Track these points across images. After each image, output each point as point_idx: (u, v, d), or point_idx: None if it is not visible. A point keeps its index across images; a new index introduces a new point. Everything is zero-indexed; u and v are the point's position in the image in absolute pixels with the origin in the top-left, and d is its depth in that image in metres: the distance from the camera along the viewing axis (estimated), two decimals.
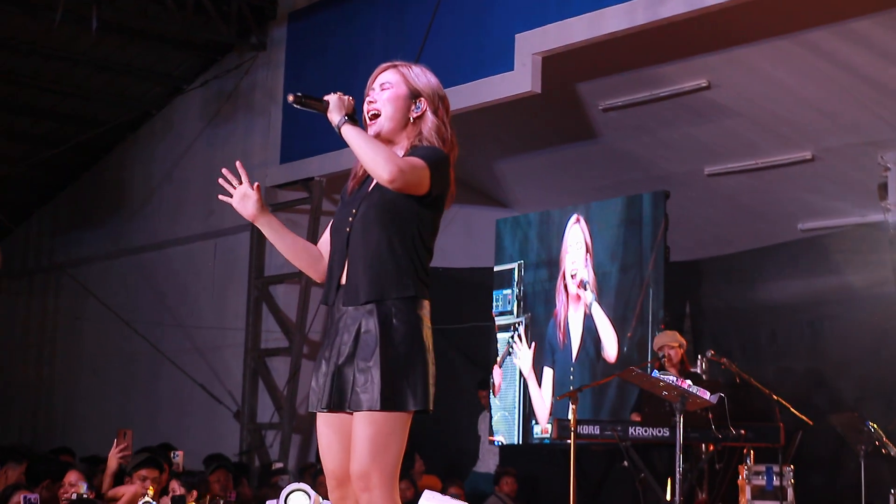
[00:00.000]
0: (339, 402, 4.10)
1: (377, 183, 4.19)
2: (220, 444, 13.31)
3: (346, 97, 4.19)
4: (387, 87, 4.33)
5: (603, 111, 12.28)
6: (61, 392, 17.13)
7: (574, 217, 12.07)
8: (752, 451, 9.63)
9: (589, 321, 11.76)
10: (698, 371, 10.87)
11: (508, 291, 12.56)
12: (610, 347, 11.52)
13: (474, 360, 13.29)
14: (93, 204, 16.85)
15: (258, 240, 13.79)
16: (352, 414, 4.09)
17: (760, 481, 9.60)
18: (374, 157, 4.04)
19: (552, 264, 12.21)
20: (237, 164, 4.65)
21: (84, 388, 16.60)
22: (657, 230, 11.35)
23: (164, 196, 15.49)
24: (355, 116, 4.18)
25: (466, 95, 11.04)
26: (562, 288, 12.06)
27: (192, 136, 15.03)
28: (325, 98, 4.19)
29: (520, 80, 10.68)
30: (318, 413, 4.24)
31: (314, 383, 4.24)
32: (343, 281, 4.23)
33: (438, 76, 12.04)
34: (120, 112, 15.48)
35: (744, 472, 9.60)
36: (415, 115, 4.31)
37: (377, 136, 4.26)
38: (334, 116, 4.15)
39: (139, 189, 16.01)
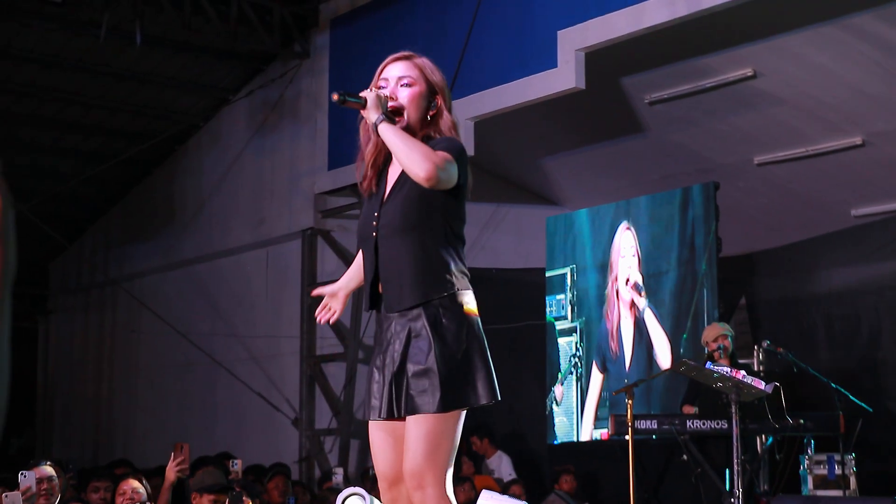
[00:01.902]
0: (397, 409, 4.05)
1: (396, 181, 4.17)
2: (279, 451, 13.38)
3: (384, 94, 4.12)
4: (406, 83, 4.19)
5: (649, 105, 12.24)
6: (120, 406, 17.26)
7: (624, 224, 12.00)
8: (812, 441, 9.56)
9: (641, 325, 11.71)
10: (753, 362, 10.80)
11: (562, 296, 12.52)
12: (663, 354, 11.46)
13: (530, 360, 13.26)
14: (144, 218, 16.97)
15: (309, 247, 13.84)
16: (404, 419, 4.07)
17: (822, 470, 9.54)
18: (411, 154, 3.96)
19: (604, 268, 12.16)
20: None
21: (142, 402, 16.72)
22: (709, 223, 11.28)
23: (214, 207, 15.58)
24: (392, 115, 4.11)
25: (511, 94, 11.03)
26: (614, 294, 12.00)
27: (240, 146, 15.10)
28: (362, 95, 4.11)
29: (564, 76, 10.67)
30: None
31: (368, 392, 4.20)
32: (381, 289, 4.17)
33: (483, 77, 12.02)
34: (167, 125, 15.57)
35: (805, 462, 9.54)
36: (432, 113, 4.21)
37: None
38: (371, 114, 4.07)
39: (189, 201, 16.11)
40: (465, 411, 4.07)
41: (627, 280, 11.85)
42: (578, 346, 12.31)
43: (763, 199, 13.00)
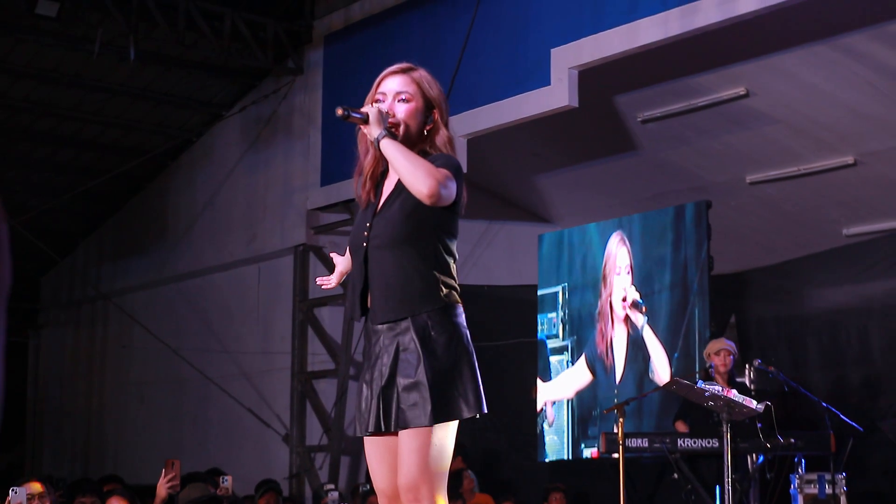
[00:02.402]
0: (386, 424, 4.05)
1: (390, 194, 4.19)
2: (270, 467, 13.34)
3: (385, 110, 4.12)
4: (404, 99, 4.19)
5: (641, 123, 12.26)
6: (111, 421, 17.23)
7: (618, 238, 11.98)
8: (803, 460, 9.56)
9: (637, 341, 11.69)
10: (745, 381, 10.79)
11: (553, 315, 12.50)
12: (662, 370, 11.45)
13: (521, 378, 13.26)
14: (136, 233, 16.96)
15: (301, 263, 13.84)
16: (396, 434, 4.08)
17: (813, 490, 9.53)
18: (415, 171, 3.97)
19: (596, 285, 12.14)
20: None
21: (133, 417, 16.68)
22: (701, 241, 11.29)
23: (207, 222, 15.57)
24: (393, 130, 4.11)
25: (504, 112, 11.05)
26: (607, 310, 11.99)
27: (233, 162, 15.10)
28: (363, 110, 4.11)
29: (557, 94, 10.68)
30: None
31: (357, 408, 4.20)
32: (370, 301, 4.17)
33: (477, 94, 12.00)
34: (161, 140, 15.57)
35: (795, 481, 9.54)
36: (429, 128, 4.21)
37: None
38: (373, 130, 4.06)
39: (182, 216, 16.10)
40: (456, 424, 4.07)
41: (624, 298, 11.84)
42: (570, 364, 12.30)
43: (755, 218, 13.02)
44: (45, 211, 15.74)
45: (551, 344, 12.51)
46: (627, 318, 11.81)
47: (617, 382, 11.79)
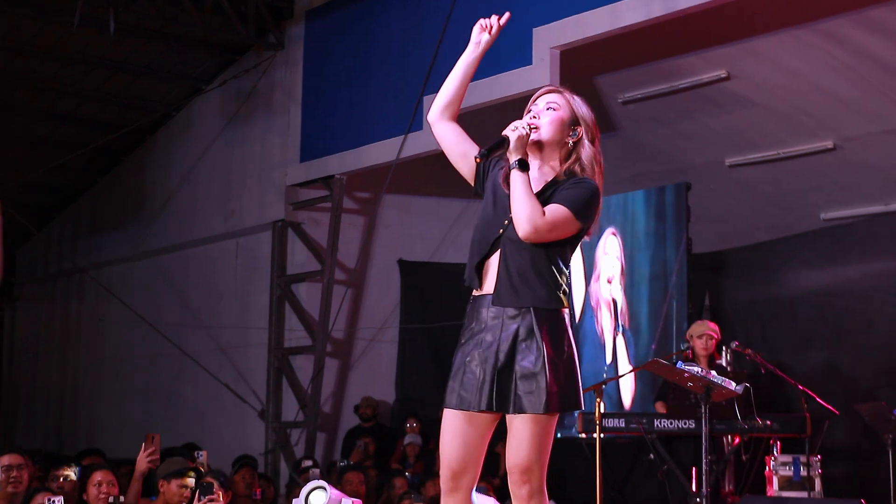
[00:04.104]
0: (500, 405, 4.45)
1: (536, 194, 4.51)
2: (246, 443, 13.36)
3: (524, 130, 4.55)
4: (552, 108, 4.68)
5: (622, 104, 12.26)
6: (85, 395, 17.20)
7: (610, 229, 11.99)
8: (778, 442, 9.61)
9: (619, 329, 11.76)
10: (722, 363, 10.84)
11: None
12: (625, 393, 11.57)
13: None
14: (114, 207, 16.90)
15: (280, 239, 13.81)
16: (499, 415, 4.51)
17: (787, 472, 9.58)
18: (522, 210, 4.39)
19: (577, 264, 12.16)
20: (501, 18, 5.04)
21: (108, 391, 16.66)
22: (680, 223, 11.33)
23: (184, 197, 15.52)
24: (534, 130, 4.58)
25: (485, 91, 11.02)
26: (598, 290, 12.02)
27: (211, 136, 15.05)
28: (504, 133, 4.54)
29: (538, 74, 10.65)
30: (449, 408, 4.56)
31: (458, 381, 4.53)
32: (494, 279, 4.54)
33: None
34: (139, 115, 15.50)
35: (771, 463, 9.59)
36: (572, 140, 4.66)
37: (534, 144, 4.60)
38: (513, 155, 4.51)
39: (159, 191, 16.05)
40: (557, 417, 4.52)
41: (609, 280, 11.88)
42: None
43: (733, 201, 13.04)
44: (21, 184, 15.68)
45: None
46: (614, 300, 11.85)
47: (607, 363, 11.82)
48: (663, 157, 12.88)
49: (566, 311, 4.54)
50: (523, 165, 4.47)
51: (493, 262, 4.57)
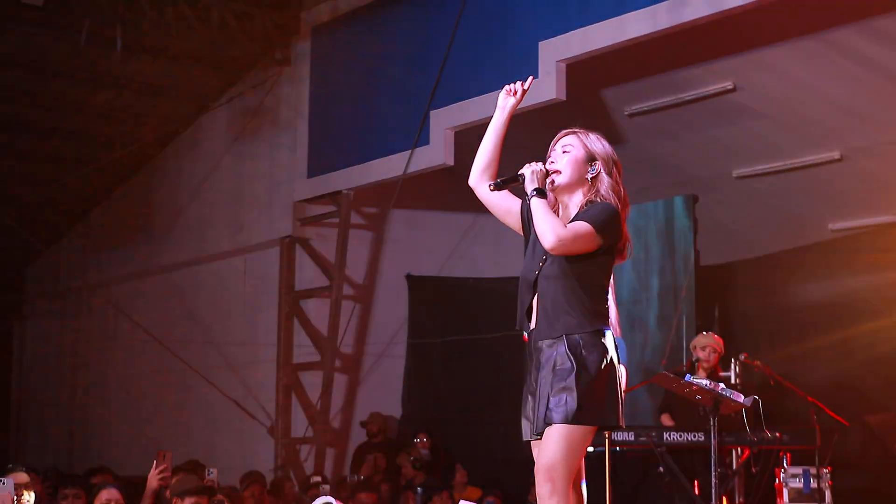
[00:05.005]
0: (543, 423, 4.85)
1: None
2: (255, 459, 13.33)
3: (539, 168, 5.04)
4: (567, 151, 5.11)
5: (629, 116, 12.26)
6: (95, 413, 17.17)
7: None
8: (788, 454, 9.58)
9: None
10: (731, 375, 10.81)
11: None
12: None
13: (508, 369, 13.25)
14: (122, 224, 16.89)
15: (287, 254, 13.81)
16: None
17: (798, 484, 9.56)
18: (544, 226, 4.85)
19: None
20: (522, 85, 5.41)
21: (117, 408, 16.63)
22: (688, 235, 11.31)
23: (193, 214, 15.53)
24: (543, 190, 4.96)
25: (491, 104, 10.84)
26: None
27: (219, 153, 15.06)
28: (521, 172, 5.05)
29: (545, 87, 10.65)
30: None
31: (522, 414, 5.09)
32: (535, 320, 5.02)
33: (464, 86, 11.99)
34: (146, 132, 15.50)
35: (781, 476, 9.56)
36: (591, 175, 5.07)
37: (558, 188, 5.06)
38: (529, 186, 4.99)
39: (168, 208, 16.05)
40: (592, 430, 4.88)
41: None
42: None
43: (741, 213, 13.03)
44: (31, 201, 15.69)
45: None
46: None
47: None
48: (670, 170, 12.86)
49: (602, 331, 4.89)
50: (541, 193, 4.93)
51: (535, 301, 5.02)
